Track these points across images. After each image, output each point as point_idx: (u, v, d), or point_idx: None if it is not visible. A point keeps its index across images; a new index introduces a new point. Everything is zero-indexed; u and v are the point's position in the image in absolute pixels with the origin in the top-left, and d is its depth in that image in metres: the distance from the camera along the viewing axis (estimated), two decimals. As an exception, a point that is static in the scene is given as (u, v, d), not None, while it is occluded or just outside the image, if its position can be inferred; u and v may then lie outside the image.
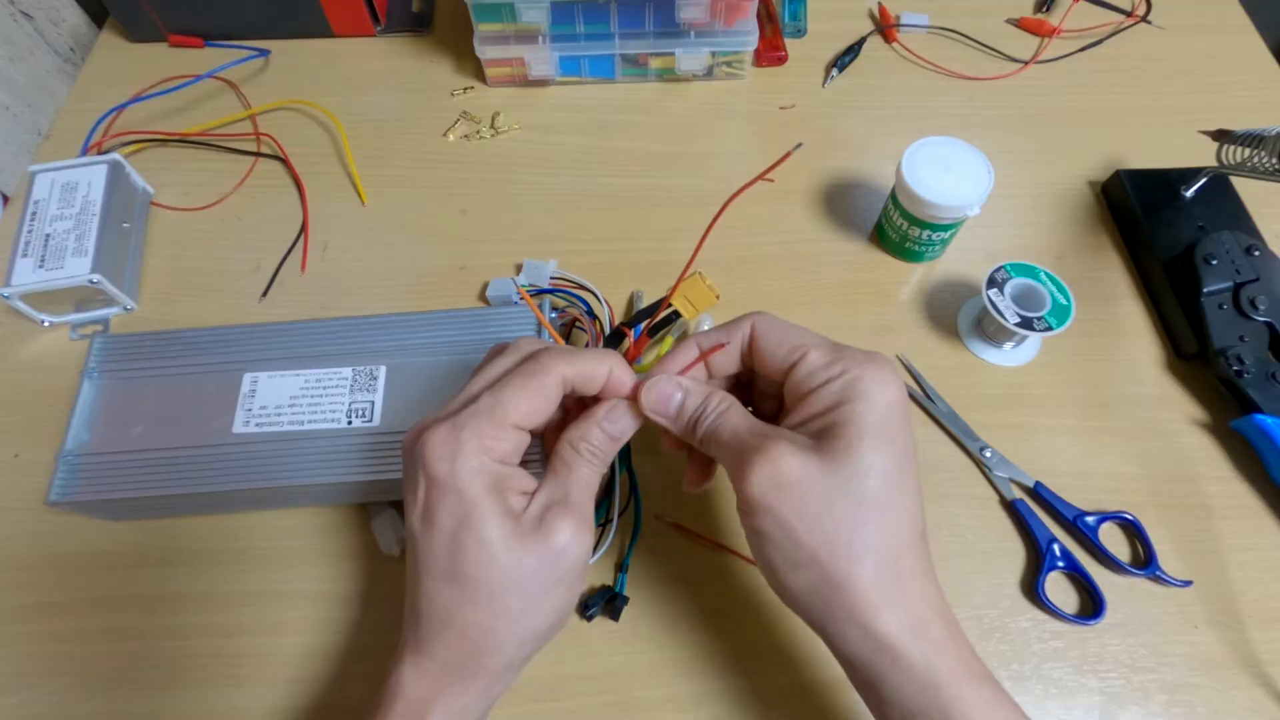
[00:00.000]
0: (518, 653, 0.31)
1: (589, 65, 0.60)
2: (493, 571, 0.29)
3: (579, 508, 0.31)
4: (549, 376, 0.30)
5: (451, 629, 0.30)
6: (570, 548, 0.30)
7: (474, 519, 0.29)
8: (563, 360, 0.31)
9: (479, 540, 0.29)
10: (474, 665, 0.30)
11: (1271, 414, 0.44)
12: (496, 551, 0.29)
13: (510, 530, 0.29)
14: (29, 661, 0.40)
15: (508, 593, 0.29)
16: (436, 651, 0.30)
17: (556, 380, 0.31)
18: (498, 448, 0.30)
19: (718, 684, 0.40)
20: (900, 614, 0.29)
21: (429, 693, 0.30)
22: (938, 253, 0.52)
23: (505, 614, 0.30)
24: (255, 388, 0.43)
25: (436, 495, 0.29)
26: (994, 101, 0.61)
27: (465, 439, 0.29)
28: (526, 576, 0.29)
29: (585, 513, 0.31)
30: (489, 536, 0.29)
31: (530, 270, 0.51)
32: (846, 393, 0.30)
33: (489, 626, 0.30)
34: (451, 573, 0.29)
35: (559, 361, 0.31)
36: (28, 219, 0.49)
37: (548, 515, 0.30)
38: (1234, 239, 0.49)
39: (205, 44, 0.63)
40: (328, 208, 0.55)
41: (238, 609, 0.42)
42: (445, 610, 0.30)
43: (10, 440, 0.46)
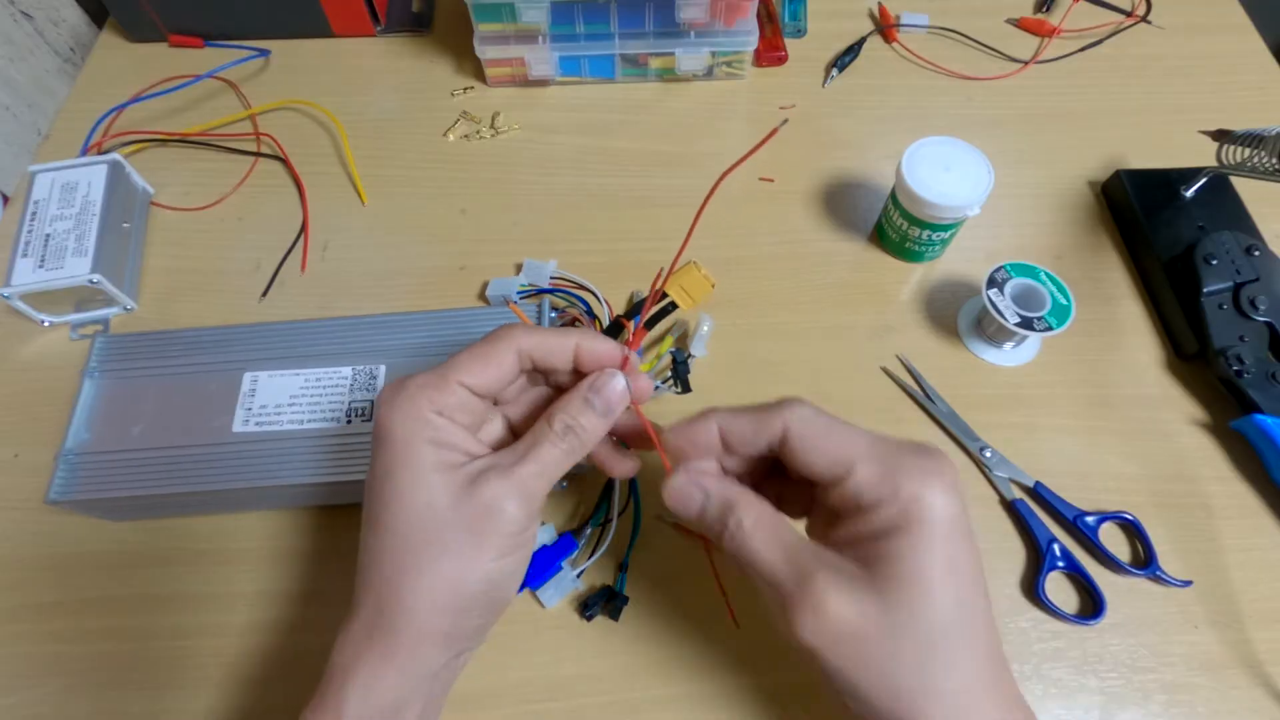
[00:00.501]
0: (431, 621, 0.28)
1: (589, 65, 0.60)
2: (403, 516, 0.28)
3: (523, 479, 0.29)
4: (503, 341, 0.31)
5: (369, 585, 0.28)
6: (499, 511, 0.28)
7: (397, 464, 0.28)
8: (522, 330, 0.31)
9: (395, 485, 0.28)
10: (386, 628, 0.28)
11: (1271, 414, 0.44)
12: (409, 496, 0.28)
13: (430, 477, 0.28)
14: (29, 661, 0.40)
15: (420, 545, 0.28)
16: (359, 612, 0.29)
17: (510, 346, 0.31)
18: (439, 399, 0.29)
19: (718, 684, 0.40)
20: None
21: (349, 660, 0.28)
22: (938, 253, 0.52)
23: (415, 569, 0.28)
24: (255, 387, 0.43)
25: (375, 443, 0.30)
26: (994, 101, 0.61)
27: (407, 385, 0.30)
28: (443, 531, 0.28)
29: (529, 486, 0.29)
30: (406, 482, 0.28)
31: (530, 270, 0.51)
32: (902, 518, 0.26)
33: (398, 581, 0.28)
34: (372, 519, 0.29)
35: (517, 330, 0.31)
36: (28, 219, 0.49)
37: (483, 475, 0.29)
38: (1234, 239, 0.49)
39: (205, 44, 0.63)
40: (328, 208, 0.55)
41: (237, 609, 0.42)
42: (367, 564, 0.29)
43: (10, 440, 0.46)
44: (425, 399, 0.29)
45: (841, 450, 0.28)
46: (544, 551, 0.41)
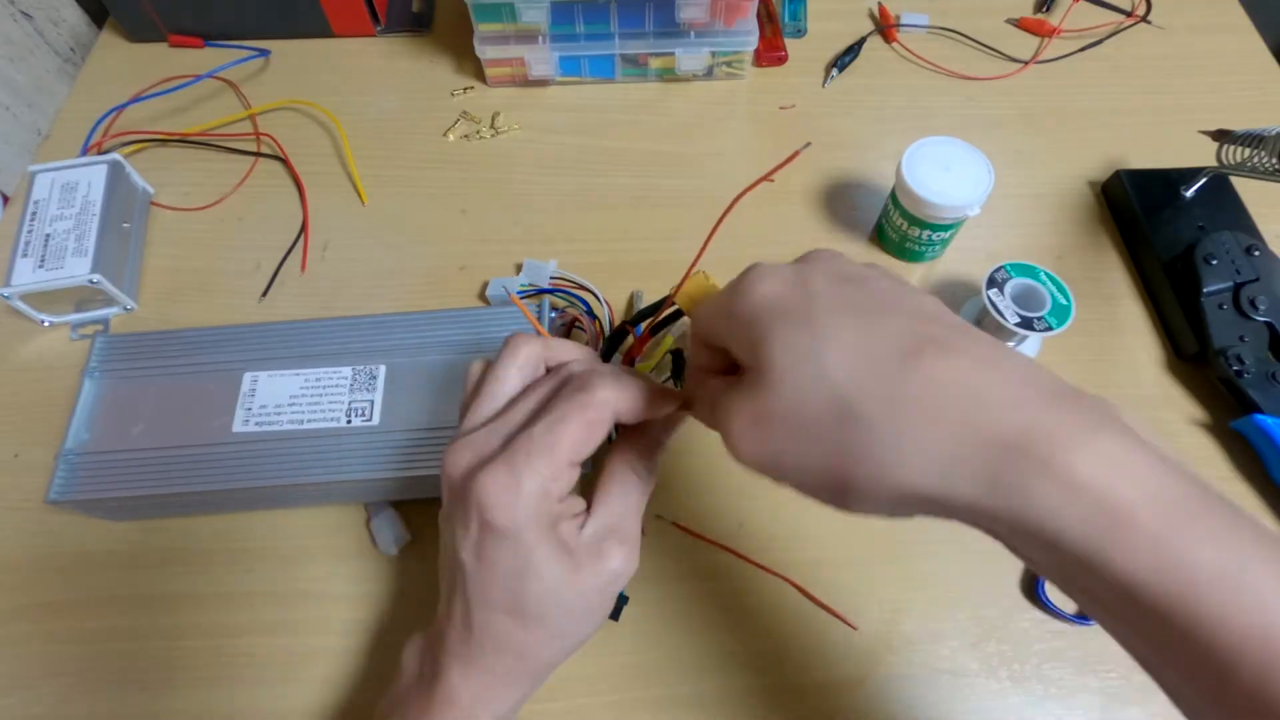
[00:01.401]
0: (561, 662, 0.32)
1: (589, 65, 0.60)
2: (551, 605, 0.29)
3: (632, 532, 0.31)
4: (603, 409, 0.29)
5: (508, 652, 0.30)
6: (622, 575, 0.31)
7: (534, 565, 0.29)
8: (613, 389, 0.30)
9: (541, 583, 0.29)
10: (525, 677, 0.31)
11: (1271, 414, 0.44)
12: (555, 591, 0.29)
13: (567, 565, 0.29)
14: (29, 661, 0.40)
15: (564, 619, 0.30)
16: (490, 666, 0.31)
17: (610, 414, 0.30)
18: (556, 490, 0.29)
19: (718, 684, 0.40)
20: (967, 479, 0.22)
21: (478, 695, 0.31)
22: (938, 253, 0.52)
23: (560, 638, 0.31)
24: (255, 387, 0.43)
25: (493, 539, 0.29)
26: (994, 101, 0.61)
27: (526, 486, 0.28)
28: (583, 603, 0.30)
29: (637, 536, 0.32)
30: (550, 580, 0.29)
31: (530, 270, 0.51)
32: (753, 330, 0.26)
33: (545, 647, 0.31)
34: (513, 608, 0.29)
35: (610, 390, 0.30)
36: (28, 219, 0.49)
37: (604, 545, 0.30)
38: (1234, 239, 0.49)
39: (205, 44, 0.63)
40: (328, 208, 0.55)
41: (237, 609, 0.42)
42: (502, 636, 0.30)
43: (10, 440, 0.46)
44: (543, 493, 0.29)
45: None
46: (544, 551, 0.41)
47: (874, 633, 0.41)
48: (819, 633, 0.41)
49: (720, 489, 0.44)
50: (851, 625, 0.41)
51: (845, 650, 0.41)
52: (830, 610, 0.41)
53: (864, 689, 0.40)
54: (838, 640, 0.41)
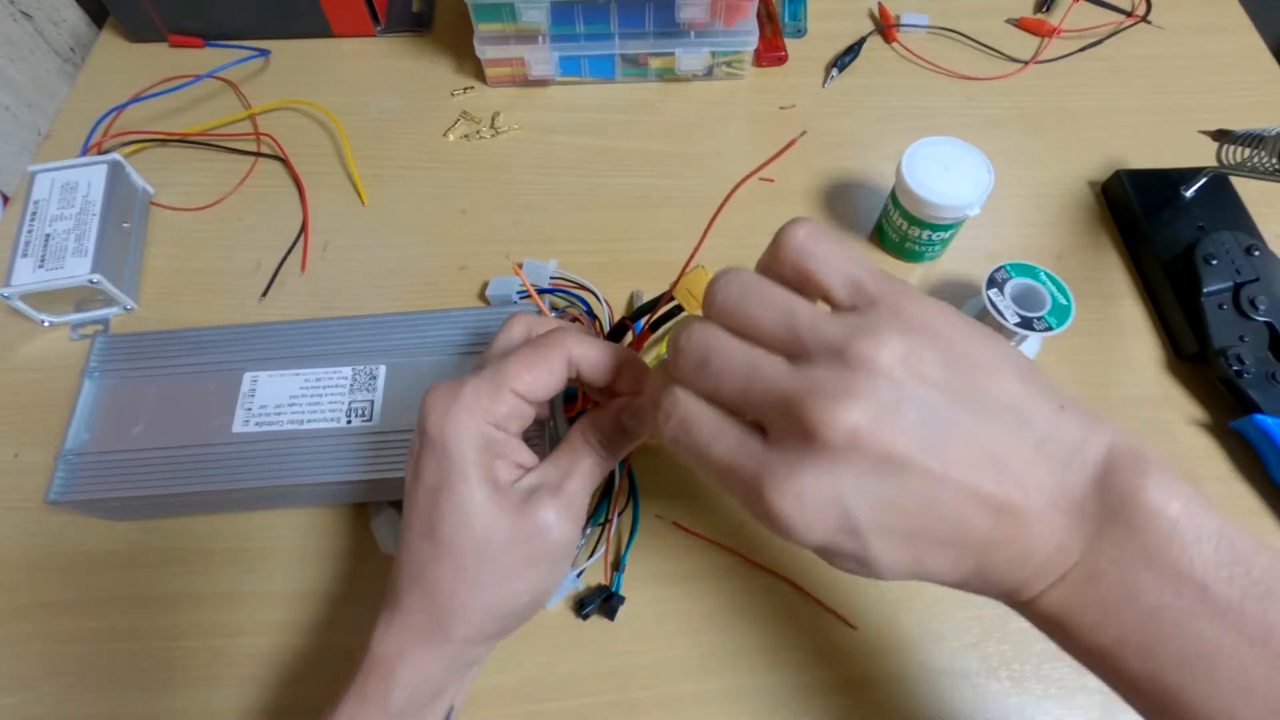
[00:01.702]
0: (483, 626, 0.30)
1: (589, 65, 0.60)
2: (465, 535, 0.29)
3: (571, 496, 0.30)
4: (556, 349, 0.30)
5: (421, 586, 0.30)
6: (551, 530, 0.30)
7: (455, 479, 0.29)
8: (574, 339, 0.31)
9: (455, 502, 0.29)
10: (439, 628, 0.30)
11: (1271, 414, 0.44)
12: (471, 517, 0.29)
13: (490, 498, 0.29)
14: (29, 661, 0.40)
15: (478, 561, 0.29)
16: (407, 608, 0.30)
17: (563, 355, 0.30)
18: (494, 410, 0.29)
19: (718, 684, 0.40)
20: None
21: (395, 650, 0.30)
22: (938, 253, 0.52)
23: (473, 582, 0.29)
24: (255, 387, 0.43)
25: (425, 450, 0.29)
26: (994, 101, 0.61)
27: (462, 395, 0.29)
28: (499, 549, 0.29)
29: (576, 502, 0.31)
30: (466, 500, 0.29)
31: (530, 270, 0.51)
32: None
33: (454, 590, 0.29)
34: (427, 530, 0.29)
35: (570, 338, 0.31)
36: (28, 219, 0.49)
37: (536, 494, 0.30)
38: (1234, 239, 0.49)
39: (205, 44, 0.63)
40: (328, 208, 0.55)
41: (238, 609, 0.42)
42: (418, 566, 0.30)
43: (10, 440, 0.46)
44: (481, 409, 0.29)
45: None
46: (544, 551, 0.41)
47: (874, 633, 0.41)
48: (819, 633, 0.41)
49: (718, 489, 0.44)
50: (851, 625, 0.41)
51: (845, 650, 0.40)
52: (830, 610, 0.41)
53: (864, 689, 0.40)
54: (838, 640, 0.41)
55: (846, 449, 0.22)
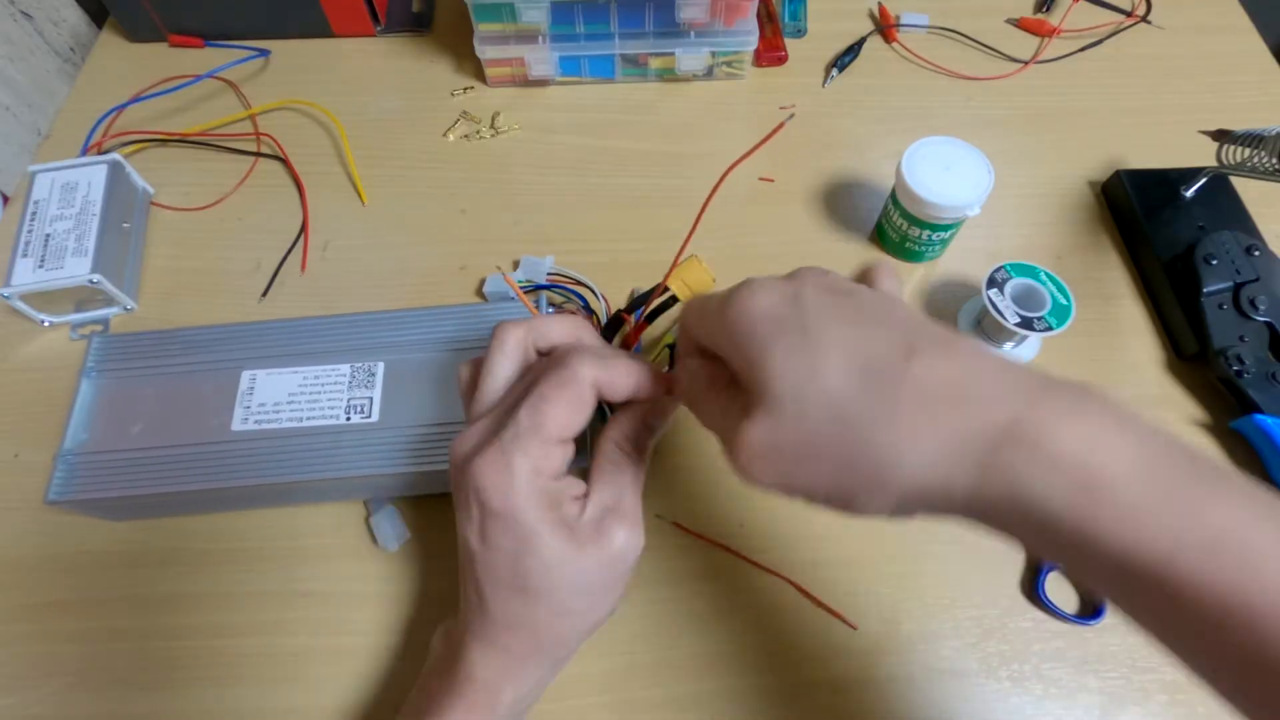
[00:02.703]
0: (578, 641, 0.33)
1: (589, 65, 0.60)
2: (557, 583, 0.30)
3: (632, 511, 0.32)
4: (583, 385, 0.30)
5: (521, 628, 0.31)
6: (627, 551, 0.31)
7: (534, 542, 0.30)
8: (592, 364, 0.31)
9: (541, 560, 0.30)
10: (541, 655, 0.32)
11: (1271, 414, 0.44)
12: (558, 567, 0.30)
13: (568, 542, 0.30)
14: (29, 661, 0.40)
15: (572, 598, 0.31)
16: (506, 645, 0.32)
17: (590, 387, 0.31)
18: (548, 467, 0.30)
19: (718, 684, 0.40)
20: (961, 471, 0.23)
21: (499, 674, 0.32)
22: (938, 253, 0.52)
23: (570, 614, 0.31)
24: (254, 385, 0.43)
25: (493, 522, 0.30)
26: (994, 101, 0.61)
27: (517, 466, 0.29)
28: (589, 582, 0.31)
29: (638, 513, 0.32)
30: (550, 556, 0.30)
31: (528, 266, 0.51)
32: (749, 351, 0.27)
33: (556, 625, 0.31)
34: (517, 587, 0.30)
35: (588, 364, 0.31)
36: (28, 219, 0.49)
37: (604, 523, 0.31)
38: (1234, 239, 0.49)
39: (205, 44, 0.63)
40: (328, 208, 0.55)
41: (238, 609, 0.42)
42: (515, 615, 0.31)
43: (10, 440, 0.46)
44: (535, 470, 0.30)
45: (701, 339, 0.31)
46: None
47: (874, 633, 0.41)
48: (819, 633, 0.41)
49: (720, 489, 0.44)
50: (851, 625, 0.41)
51: (845, 650, 0.40)
52: (830, 610, 0.41)
53: (864, 689, 0.40)
54: (838, 640, 0.41)
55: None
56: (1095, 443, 0.22)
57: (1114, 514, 0.21)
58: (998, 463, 0.23)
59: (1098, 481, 0.22)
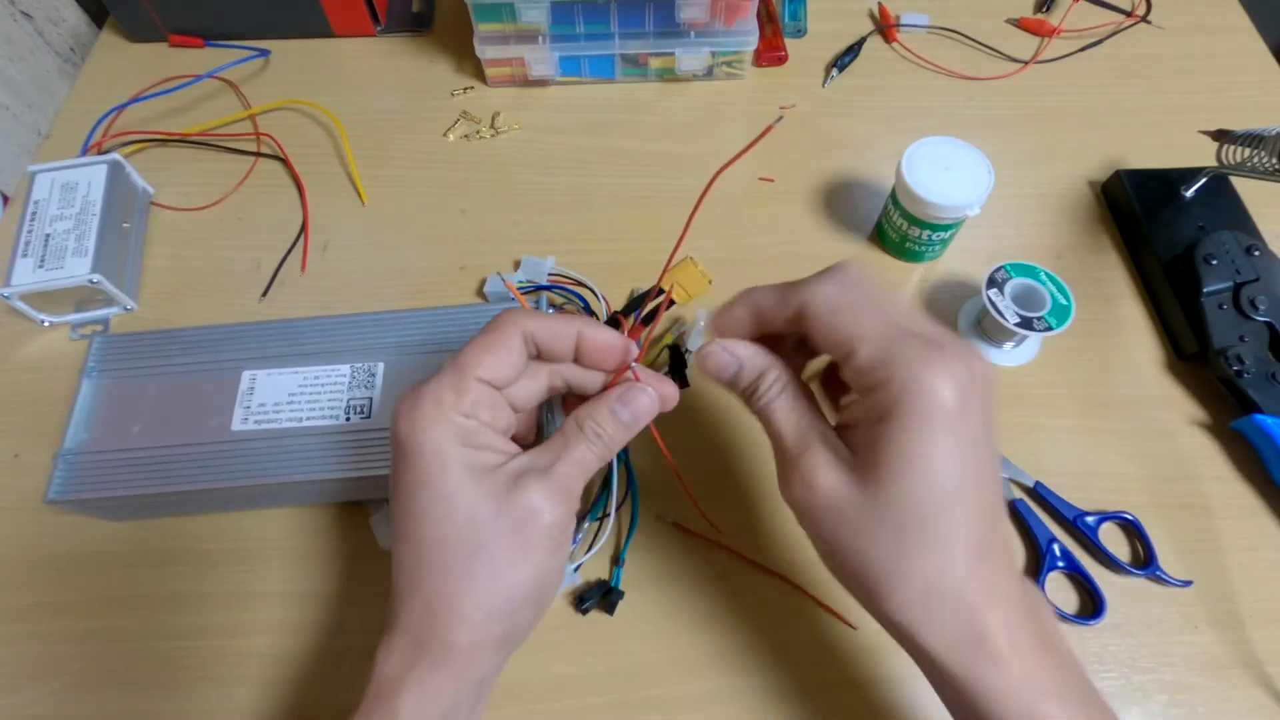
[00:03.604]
0: (487, 629, 0.28)
1: (589, 65, 0.60)
2: (449, 528, 0.27)
3: (561, 479, 0.29)
4: (508, 327, 0.29)
5: (415, 595, 0.28)
6: (540, 514, 0.28)
7: (431, 473, 0.27)
8: (523, 314, 0.30)
9: (435, 495, 0.27)
10: (440, 639, 0.28)
11: (1271, 414, 0.44)
12: (454, 506, 0.27)
13: (473, 485, 0.28)
14: (29, 661, 0.40)
15: (468, 554, 0.27)
16: (405, 623, 0.28)
17: (515, 332, 0.29)
18: (460, 401, 0.28)
19: (718, 684, 0.40)
20: (943, 633, 0.27)
21: (398, 671, 0.28)
22: (938, 253, 0.52)
23: (466, 577, 0.28)
24: (254, 385, 0.43)
25: (399, 457, 0.28)
26: (994, 101, 0.61)
27: (424, 394, 0.28)
28: (487, 536, 0.27)
29: (567, 487, 0.29)
30: (447, 490, 0.27)
31: (528, 267, 0.51)
32: (892, 404, 0.26)
33: (449, 591, 0.28)
34: (413, 534, 0.28)
35: (519, 314, 0.30)
36: (28, 219, 0.49)
37: (523, 477, 0.28)
38: (1234, 239, 0.49)
39: (205, 44, 0.63)
40: (328, 208, 0.55)
41: (238, 609, 0.42)
42: (410, 575, 0.28)
43: (10, 440, 0.46)
44: (447, 403, 0.28)
45: (849, 330, 0.28)
46: (543, 551, 0.41)
47: (874, 633, 0.41)
48: (819, 633, 0.41)
49: (719, 489, 0.44)
50: (851, 625, 0.41)
51: (845, 650, 0.40)
52: (830, 610, 0.41)
53: (864, 689, 0.40)
54: (838, 640, 0.41)
55: None
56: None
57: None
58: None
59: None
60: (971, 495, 0.27)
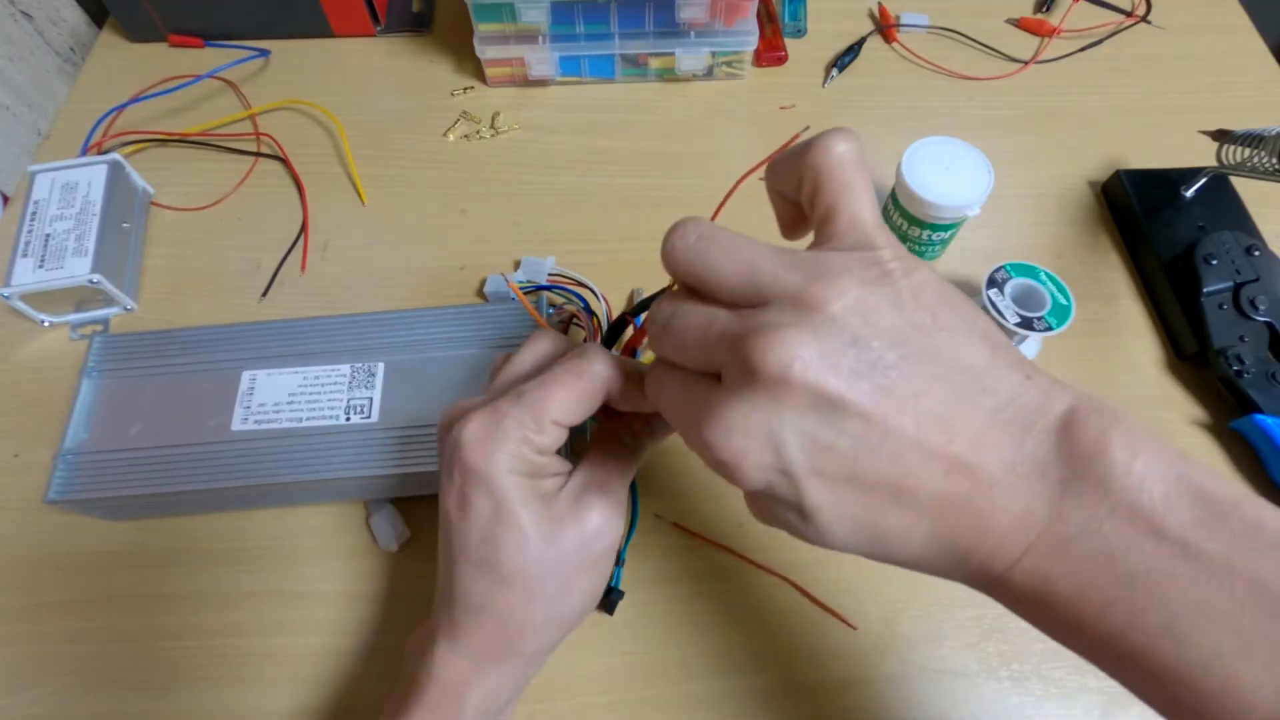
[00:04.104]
0: (550, 636, 0.31)
1: (589, 65, 0.60)
2: (528, 560, 0.29)
3: (616, 494, 0.31)
4: (595, 379, 0.30)
5: (487, 615, 0.30)
6: (604, 531, 0.30)
7: (508, 509, 0.29)
8: (606, 363, 0.30)
9: (514, 530, 0.29)
10: (509, 649, 0.30)
11: (1271, 414, 0.44)
12: (531, 541, 0.29)
13: (543, 516, 0.29)
14: (29, 661, 0.40)
15: (542, 579, 0.29)
16: (472, 636, 0.30)
17: (602, 385, 0.30)
18: (536, 440, 0.29)
19: (717, 684, 0.40)
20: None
21: (465, 675, 0.30)
22: (938, 253, 0.52)
23: (540, 599, 0.30)
24: (254, 385, 0.43)
25: (471, 484, 0.29)
26: (994, 101, 0.61)
27: (506, 429, 0.29)
28: (561, 561, 0.30)
29: (620, 499, 0.32)
30: (523, 526, 0.29)
31: (528, 267, 0.51)
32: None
33: (525, 611, 0.30)
34: (487, 561, 0.29)
35: (601, 364, 0.30)
36: (28, 219, 0.49)
37: (583, 499, 0.30)
38: (1234, 239, 0.49)
39: (205, 44, 0.63)
40: (328, 208, 0.55)
41: (238, 609, 0.42)
42: (481, 597, 0.30)
43: (10, 440, 0.46)
44: (522, 439, 0.29)
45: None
46: (544, 551, 0.42)
47: (874, 633, 0.41)
48: (819, 633, 0.41)
49: (720, 489, 0.44)
50: (851, 625, 0.41)
51: (845, 650, 0.40)
52: (830, 610, 0.41)
53: (864, 689, 0.40)
54: (838, 640, 0.41)
55: (779, 383, 0.22)
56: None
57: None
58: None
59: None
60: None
